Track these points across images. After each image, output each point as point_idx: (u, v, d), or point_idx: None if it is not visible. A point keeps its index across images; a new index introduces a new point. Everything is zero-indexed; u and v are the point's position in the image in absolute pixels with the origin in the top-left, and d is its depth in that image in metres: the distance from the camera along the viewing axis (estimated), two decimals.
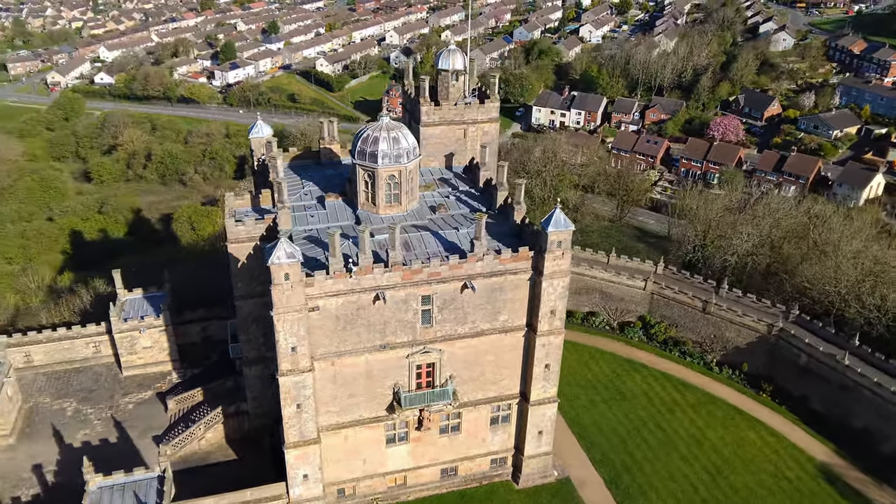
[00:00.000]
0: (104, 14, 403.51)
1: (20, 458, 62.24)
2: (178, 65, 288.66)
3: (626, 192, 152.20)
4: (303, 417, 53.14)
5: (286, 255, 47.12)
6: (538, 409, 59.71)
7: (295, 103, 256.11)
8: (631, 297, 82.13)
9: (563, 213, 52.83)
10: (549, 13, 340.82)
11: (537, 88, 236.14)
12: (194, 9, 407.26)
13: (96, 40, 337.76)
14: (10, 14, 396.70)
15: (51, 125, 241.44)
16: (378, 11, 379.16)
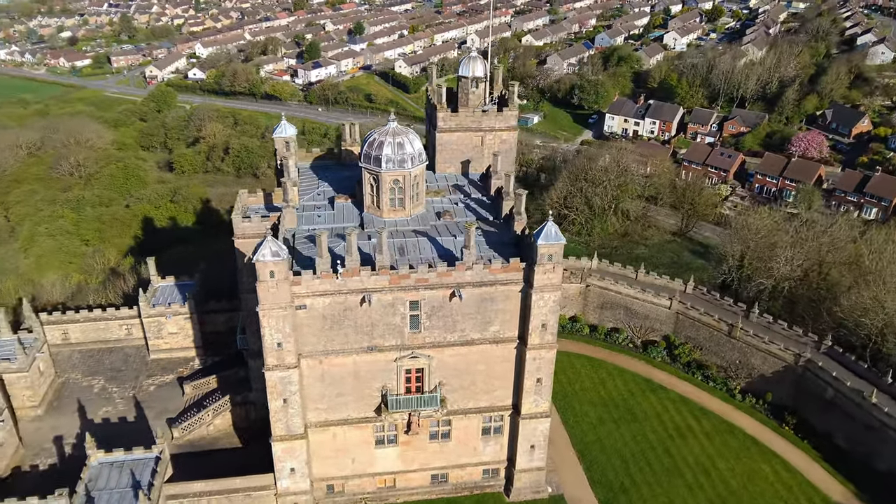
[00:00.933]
0: (204, 12, 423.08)
1: (45, 429, 66.56)
2: (265, 62, 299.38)
3: (692, 206, 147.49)
4: (289, 412, 54.56)
5: (271, 253, 48.52)
6: (530, 424, 58.96)
7: (371, 103, 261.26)
8: (656, 315, 79.68)
9: (555, 226, 52.10)
10: (636, 19, 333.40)
11: (612, 96, 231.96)
12: (288, 9, 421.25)
13: (194, 37, 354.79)
14: (119, 10, 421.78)
15: (144, 116, 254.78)
16: (462, 14, 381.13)
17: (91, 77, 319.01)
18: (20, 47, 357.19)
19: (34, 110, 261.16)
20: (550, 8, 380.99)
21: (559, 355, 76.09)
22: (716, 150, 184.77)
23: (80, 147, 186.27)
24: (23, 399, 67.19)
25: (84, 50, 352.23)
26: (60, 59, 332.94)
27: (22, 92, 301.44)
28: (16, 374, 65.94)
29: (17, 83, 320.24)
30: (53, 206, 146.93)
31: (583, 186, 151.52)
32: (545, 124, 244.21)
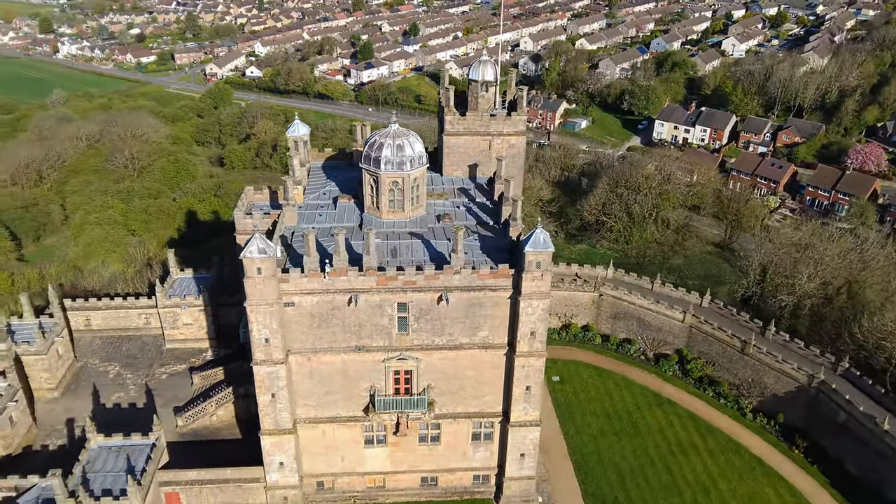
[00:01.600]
0: (267, 12, 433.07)
1: (58, 411, 69.34)
2: (320, 62, 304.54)
3: (736, 217, 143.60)
4: (277, 407, 55.51)
5: (258, 250, 49.47)
6: (519, 432, 58.48)
7: (420, 104, 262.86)
8: (669, 328, 77.83)
9: (544, 233, 51.48)
10: (695, 24, 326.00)
11: (663, 102, 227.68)
12: (347, 9, 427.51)
13: (254, 36, 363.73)
14: (187, 8, 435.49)
15: (201, 112, 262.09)
16: (518, 17, 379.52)
17: (155, 73, 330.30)
18: (91, 43, 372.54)
19: (98, 104, 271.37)
20: (609, 12, 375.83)
21: (568, 364, 75.85)
22: (766, 160, 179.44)
23: (136, 140, 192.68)
24: (40, 381, 70.14)
25: (150, 47, 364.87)
26: (127, 55, 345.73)
27: (89, 86, 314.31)
28: (34, 357, 68.88)
29: (86, 77, 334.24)
30: (105, 197, 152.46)
31: (622, 193, 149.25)
32: (593, 129, 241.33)
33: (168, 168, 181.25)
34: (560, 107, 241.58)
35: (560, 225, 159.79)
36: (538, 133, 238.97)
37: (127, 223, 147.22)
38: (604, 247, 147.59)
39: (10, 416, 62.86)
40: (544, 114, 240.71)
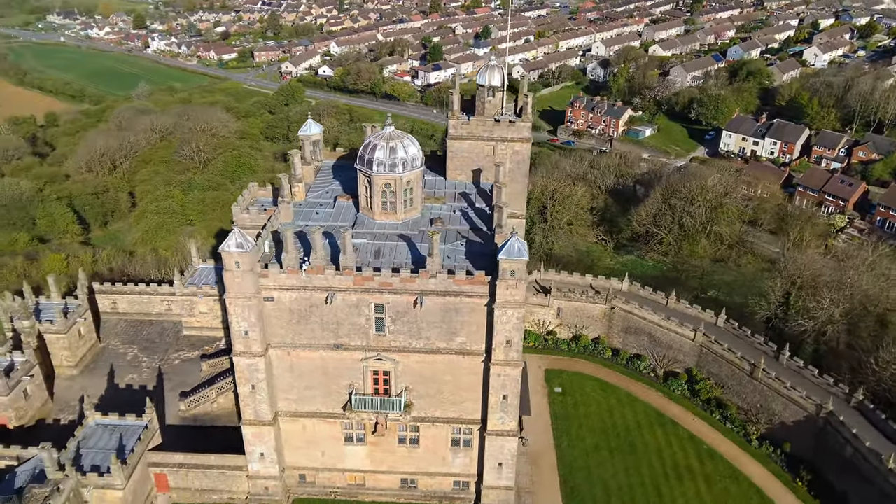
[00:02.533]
0: (346, 13, 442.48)
1: (75, 388, 73.10)
2: (390, 63, 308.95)
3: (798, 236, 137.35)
4: (257, 399, 56.91)
5: (236, 244, 50.90)
6: (496, 441, 57.92)
7: None
8: (679, 346, 75.28)
9: (519, 242, 50.77)
10: (777, 32, 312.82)
11: (733, 112, 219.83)
12: (424, 11, 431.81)
13: (331, 36, 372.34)
14: (271, 8, 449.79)
15: (272, 109, 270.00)
16: (594, 22, 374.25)
17: (235, 70, 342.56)
18: (179, 40, 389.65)
19: (179, 98, 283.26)
20: (689, 18, 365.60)
21: (573, 376, 74.69)
22: (835, 177, 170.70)
23: (204, 134, 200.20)
24: (61, 358, 74.14)
25: (233, 45, 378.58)
26: (211, 52, 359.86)
27: (174, 80, 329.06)
28: (55, 335, 72.90)
29: (171, 72, 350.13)
30: (168, 187, 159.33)
31: (675, 204, 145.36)
32: (657, 138, 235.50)
33: (230, 161, 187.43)
34: (624, 114, 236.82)
35: (609, 234, 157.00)
36: (600, 140, 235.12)
37: (184, 212, 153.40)
38: (652, 259, 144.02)
39: (24, 390, 66.76)
40: (608, 120, 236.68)
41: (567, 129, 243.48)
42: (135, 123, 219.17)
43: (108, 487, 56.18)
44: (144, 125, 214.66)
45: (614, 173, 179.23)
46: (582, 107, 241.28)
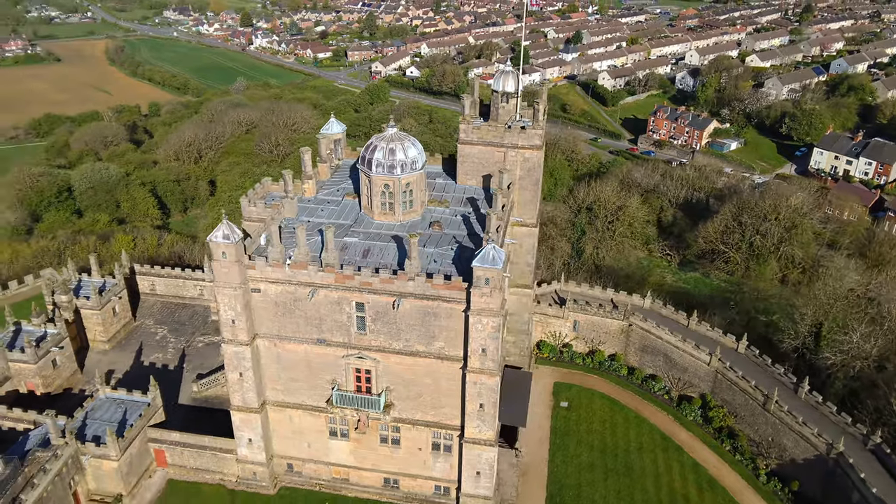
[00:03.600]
0: (441, 15, 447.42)
1: (104, 363, 77.79)
2: (476, 65, 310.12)
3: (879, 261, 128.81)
4: (244, 386, 58.80)
5: (223, 235, 52.87)
6: (473, 449, 57.45)
7: (564, 113, 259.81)
8: (695, 369, 72.02)
9: (495, 250, 50.17)
10: (890, 46, 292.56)
11: (827, 128, 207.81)
12: (519, 15, 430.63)
13: (423, 38, 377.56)
14: (369, 9, 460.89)
15: (358, 107, 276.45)
16: (693, 30, 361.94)
17: (328, 68, 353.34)
18: (280, 38, 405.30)
19: (271, 93, 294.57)
20: (795, 28, 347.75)
21: (582, 392, 73.25)
22: None
23: (285, 129, 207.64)
24: (95, 333, 79.10)
25: (329, 44, 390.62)
26: (307, 51, 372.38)
27: (271, 77, 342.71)
28: (90, 311, 77.83)
29: (269, 69, 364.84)
30: (244, 178, 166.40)
31: (746, 221, 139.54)
32: (743, 152, 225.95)
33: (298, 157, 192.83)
34: (710, 125, 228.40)
35: (676, 250, 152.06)
36: (682, 151, 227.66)
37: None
38: (717, 278, 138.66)
39: (53, 360, 71.64)
40: (691, 131, 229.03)
41: (648, 139, 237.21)
42: (224, 116, 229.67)
43: (103, 457, 59.63)
44: (232, 118, 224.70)
45: (688, 186, 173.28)
46: (665, 116, 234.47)
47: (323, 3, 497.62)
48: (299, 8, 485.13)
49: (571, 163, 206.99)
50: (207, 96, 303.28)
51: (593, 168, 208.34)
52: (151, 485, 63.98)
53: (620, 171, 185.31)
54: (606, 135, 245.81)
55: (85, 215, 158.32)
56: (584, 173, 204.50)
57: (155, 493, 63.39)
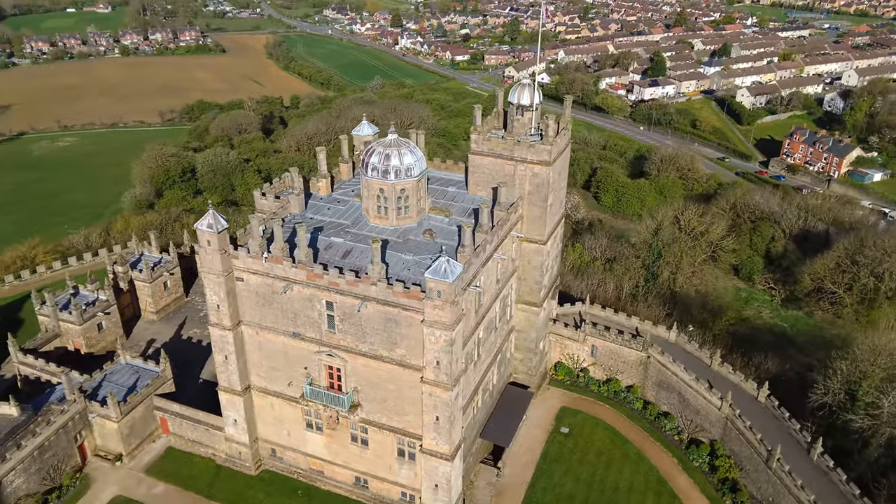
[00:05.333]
0: (587, 22, 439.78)
1: (147, 332, 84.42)
2: (609, 75, 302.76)
3: None
4: (229, 368, 61.90)
5: (207, 224, 55.97)
6: (430, 461, 57.03)
7: (694, 129, 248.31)
8: (706, 413, 66.76)
9: (448, 263, 49.49)
10: None
11: None
12: (669, 24, 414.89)
13: (562, 44, 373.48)
14: (515, 14, 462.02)
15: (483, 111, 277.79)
16: (860, 48, 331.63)
17: (464, 71, 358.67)
18: (424, 39, 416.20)
19: (403, 93, 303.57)
20: None
21: (588, 420, 70.92)
22: None
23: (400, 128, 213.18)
24: (146, 304, 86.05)
25: (470, 47, 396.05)
26: (447, 53, 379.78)
27: (407, 76, 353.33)
28: (141, 283, 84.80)
29: (408, 68, 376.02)
30: None
31: (860, 261, 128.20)
32: (889, 185, 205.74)
33: None
34: (851, 153, 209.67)
35: (782, 283, 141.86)
36: (816, 179, 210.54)
37: None
38: (822, 319, 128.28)
39: (98, 324, 78.84)
40: (829, 158, 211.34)
41: (780, 163, 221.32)
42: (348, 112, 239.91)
43: (106, 418, 65.04)
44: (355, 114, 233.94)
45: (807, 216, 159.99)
46: (802, 139, 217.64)
47: (472, 7, 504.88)
48: (449, 10, 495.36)
49: (685, 181, 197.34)
50: (345, 92, 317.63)
51: (710, 188, 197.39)
52: (152, 449, 68.87)
53: (734, 193, 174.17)
54: (736, 155, 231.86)
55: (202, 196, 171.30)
56: (699, 193, 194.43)
57: (153, 456, 68.17)
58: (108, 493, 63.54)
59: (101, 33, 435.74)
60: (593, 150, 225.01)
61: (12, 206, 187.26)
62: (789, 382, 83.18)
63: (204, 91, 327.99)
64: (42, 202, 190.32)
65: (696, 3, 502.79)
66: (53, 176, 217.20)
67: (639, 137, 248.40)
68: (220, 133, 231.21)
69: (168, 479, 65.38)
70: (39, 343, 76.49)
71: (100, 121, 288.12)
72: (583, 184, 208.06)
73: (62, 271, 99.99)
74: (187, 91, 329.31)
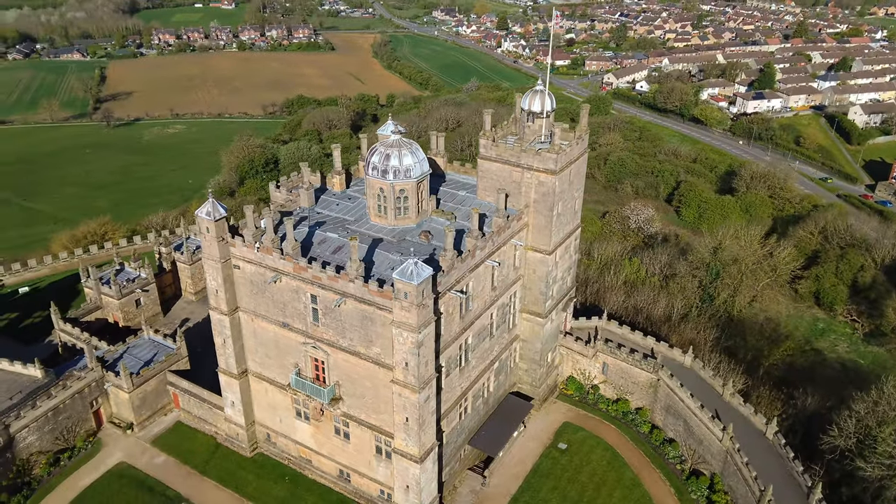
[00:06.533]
0: (700, 30, 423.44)
1: (184, 312, 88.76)
2: (712, 85, 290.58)
3: None
4: (226, 352, 64.33)
5: (206, 212, 58.41)
6: (401, 462, 57.13)
7: (797, 147, 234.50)
8: (708, 443, 62.99)
9: (415, 265, 49.36)
10: None
11: None
12: (788, 35, 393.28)
13: (668, 52, 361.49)
14: (625, 19, 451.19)
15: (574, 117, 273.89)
16: None
17: (562, 76, 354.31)
18: (528, 42, 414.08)
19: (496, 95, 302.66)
20: None
21: (589, 439, 69.48)
22: None
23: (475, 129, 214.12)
24: (186, 285, 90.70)
25: (572, 52, 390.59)
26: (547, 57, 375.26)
27: (504, 79, 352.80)
28: (182, 265, 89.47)
29: (507, 71, 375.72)
30: None
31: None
32: None
33: None
34: None
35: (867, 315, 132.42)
36: None
37: None
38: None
39: (136, 299, 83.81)
40: None
41: (889, 187, 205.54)
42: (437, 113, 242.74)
43: (118, 387, 69.18)
44: (441, 115, 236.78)
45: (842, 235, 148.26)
46: None
47: (581, 12, 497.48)
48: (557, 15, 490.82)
49: (776, 200, 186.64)
50: (441, 93, 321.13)
51: (802, 209, 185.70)
52: (163, 421, 72.55)
53: (824, 216, 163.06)
54: (841, 176, 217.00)
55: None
56: (789, 214, 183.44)
57: (162, 428, 71.81)
58: (114, 459, 67.54)
59: (222, 28, 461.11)
60: (681, 162, 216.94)
61: (114, 186, 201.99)
62: (825, 421, 77.36)
63: (308, 87, 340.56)
64: (141, 184, 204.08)
65: (821, 13, 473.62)
66: (156, 160, 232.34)
67: (735, 152, 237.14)
68: (311, 127, 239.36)
69: (170, 451, 68.72)
70: (81, 314, 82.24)
71: (207, 111, 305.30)
72: (665, 197, 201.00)
73: (128, 248, 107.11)
74: (293, 86, 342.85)
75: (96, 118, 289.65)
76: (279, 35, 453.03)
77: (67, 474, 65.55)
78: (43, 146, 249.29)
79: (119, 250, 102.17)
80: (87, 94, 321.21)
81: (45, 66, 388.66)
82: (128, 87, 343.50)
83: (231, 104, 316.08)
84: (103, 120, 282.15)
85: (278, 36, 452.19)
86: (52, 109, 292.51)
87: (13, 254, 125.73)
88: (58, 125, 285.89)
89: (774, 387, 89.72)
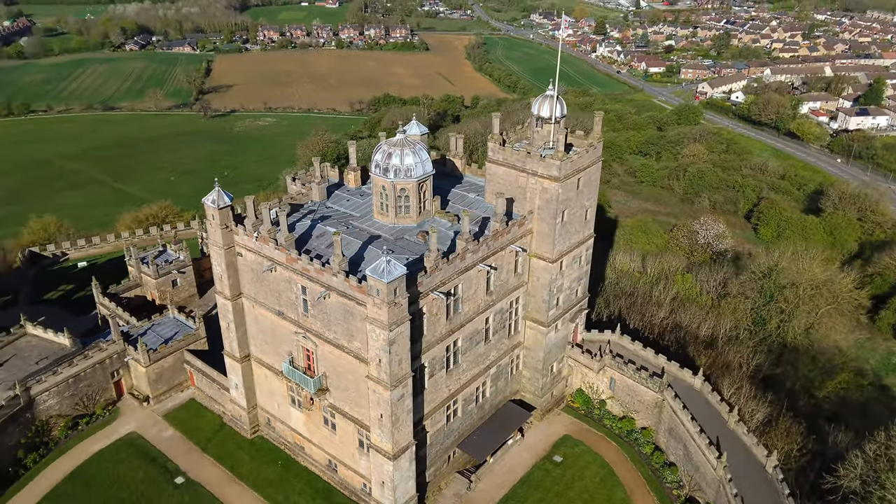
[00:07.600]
0: (811, 40, 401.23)
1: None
2: (812, 99, 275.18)
3: None
4: (230, 336, 66.69)
5: (211, 200, 60.78)
6: (376, 457, 57.54)
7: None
8: (704, 471, 59.79)
9: (391, 264, 49.55)
10: None
11: None
12: None
13: (771, 62, 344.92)
14: (730, 27, 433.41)
15: (662, 125, 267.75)
16: None
17: (656, 83, 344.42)
18: (624, 48, 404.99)
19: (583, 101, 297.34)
20: None
21: (587, 454, 68.60)
22: None
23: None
24: None
25: (669, 59, 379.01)
26: (642, 64, 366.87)
27: (595, 84, 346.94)
28: None
29: (599, 77, 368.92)
30: None
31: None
32: None
33: None
34: None
35: None
36: None
37: None
38: None
39: (173, 280, 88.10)
40: None
41: None
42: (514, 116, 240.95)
43: (136, 362, 72.98)
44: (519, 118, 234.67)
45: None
46: None
47: (685, 18, 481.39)
48: (658, 21, 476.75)
49: (864, 224, 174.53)
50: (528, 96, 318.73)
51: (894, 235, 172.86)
52: (178, 397, 75.98)
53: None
54: None
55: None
56: (879, 239, 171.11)
57: (176, 404, 75.22)
58: (127, 428, 71.35)
59: (323, 26, 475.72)
60: (767, 178, 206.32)
61: (199, 174, 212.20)
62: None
63: (398, 86, 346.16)
64: (222, 172, 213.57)
65: None
66: (241, 150, 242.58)
67: (831, 171, 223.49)
68: (390, 125, 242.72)
69: (178, 426, 71.92)
70: (121, 290, 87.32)
71: (298, 105, 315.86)
72: (745, 213, 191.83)
73: (186, 232, 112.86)
74: (384, 84, 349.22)
75: (196, 108, 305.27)
76: (377, 34, 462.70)
77: (83, 438, 69.77)
78: (142, 133, 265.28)
79: (169, 233, 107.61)
80: (190, 85, 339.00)
81: (157, 58, 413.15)
82: (229, 80, 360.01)
83: (322, 100, 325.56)
84: (201, 110, 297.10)
85: (376, 35, 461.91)
86: (156, 99, 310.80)
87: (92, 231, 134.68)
88: (160, 114, 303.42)
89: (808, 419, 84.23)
